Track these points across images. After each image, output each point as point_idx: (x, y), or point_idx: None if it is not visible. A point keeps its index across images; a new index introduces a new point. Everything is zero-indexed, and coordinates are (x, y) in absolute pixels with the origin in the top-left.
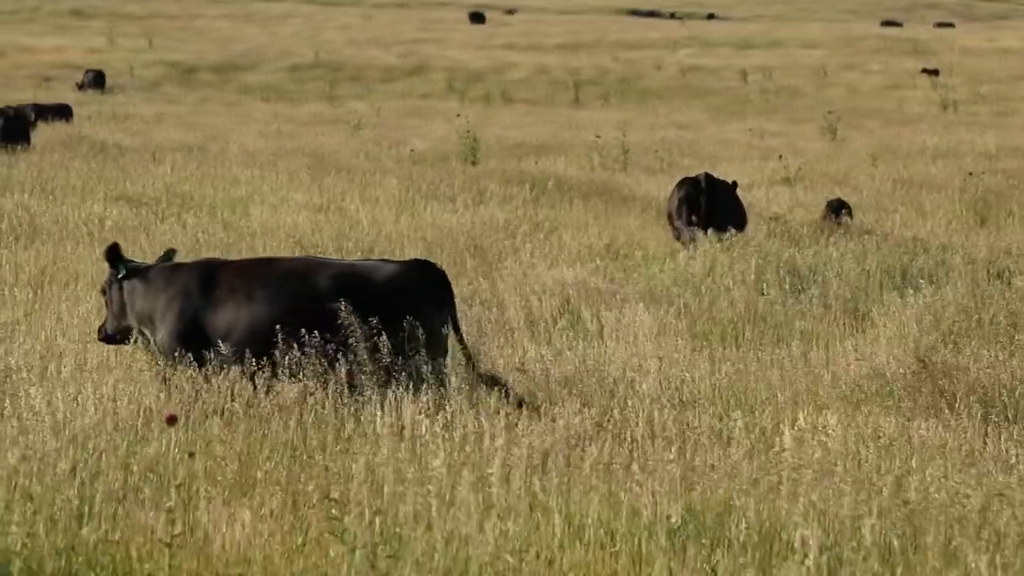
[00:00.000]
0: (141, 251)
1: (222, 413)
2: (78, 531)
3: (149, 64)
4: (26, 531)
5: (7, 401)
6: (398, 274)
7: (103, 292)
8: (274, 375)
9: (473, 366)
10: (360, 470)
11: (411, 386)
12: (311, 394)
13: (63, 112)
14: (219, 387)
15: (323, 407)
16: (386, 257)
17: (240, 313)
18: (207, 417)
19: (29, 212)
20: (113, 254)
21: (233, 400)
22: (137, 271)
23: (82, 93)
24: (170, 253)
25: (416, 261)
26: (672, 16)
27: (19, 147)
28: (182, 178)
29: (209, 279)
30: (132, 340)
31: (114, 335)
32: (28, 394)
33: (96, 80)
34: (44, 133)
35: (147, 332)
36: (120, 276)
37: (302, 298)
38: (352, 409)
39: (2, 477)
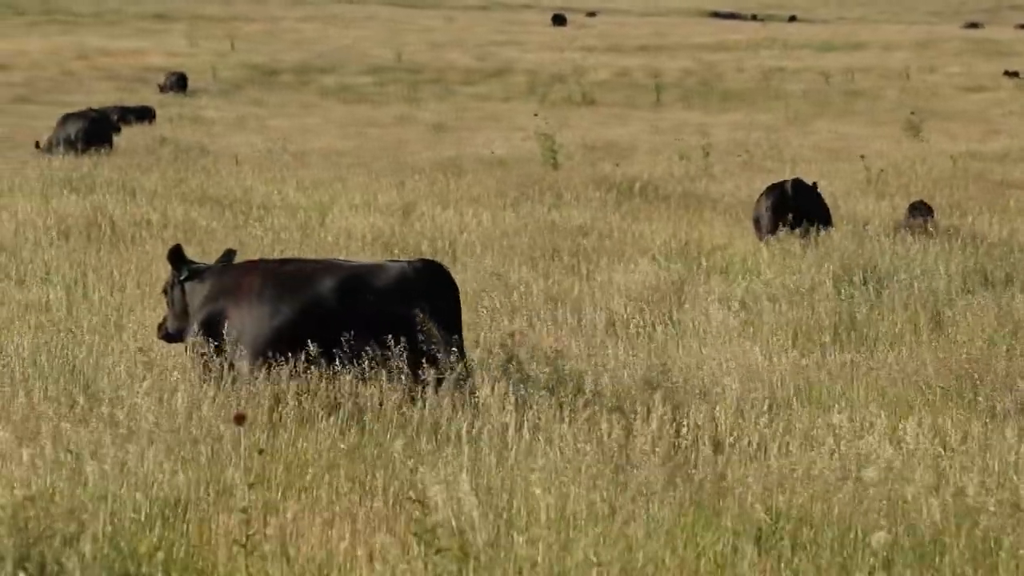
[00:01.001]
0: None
1: (306, 418)
2: (161, 533)
3: (231, 67)
4: (110, 532)
5: (92, 404)
6: (405, 274)
7: (164, 292)
8: (359, 377)
9: (460, 370)
10: (444, 473)
11: (493, 389)
12: (394, 397)
13: (145, 114)
14: (297, 389)
15: (404, 409)
16: (398, 258)
17: (255, 315)
18: (285, 419)
19: (111, 214)
20: (176, 255)
21: (313, 402)
22: (198, 272)
23: (164, 95)
24: (230, 253)
25: (423, 261)
26: (753, 18)
27: (102, 149)
28: (264, 180)
29: (240, 281)
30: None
31: (175, 334)
32: (112, 398)
33: (178, 82)
34: (126, 135)
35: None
36: (183, 277)
37: (313, 300)
38: (434, 412)
39: (88, 481)
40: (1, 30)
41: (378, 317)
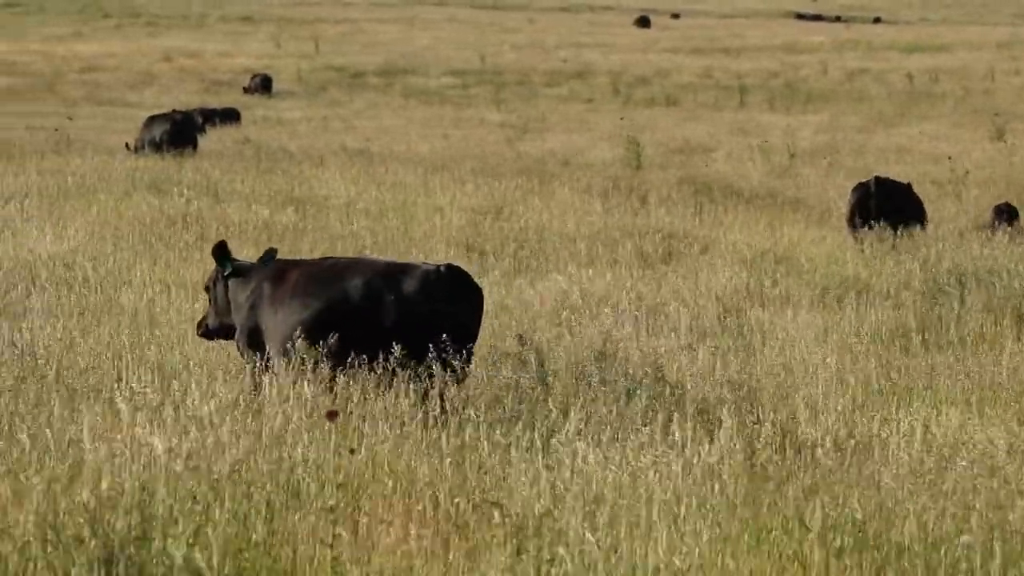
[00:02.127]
0: (308, 254)
1: (392, 419)
2: (243, 532)
3: (315, 68)
4: (192, 532)
5: (174, 405)
6: (428, 277)
7: (207, 289)
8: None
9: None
10: (520, 479)
11: (567, 399)
12: (470, 400)
13: (231, 116)
14: (380, 392)
15: (478, 414)
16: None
17: (288, 310)
18: (365, 420)
19: (195, 216)
20: (220, 252)
21: (400, 403)
22: (241, 269)
23: (249, 97)
24: (271, 252)
25: (448, 265)
26: (837, 19)
27: (186, 151)
28: (348, 181)
29: (279, 280)
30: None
31: (215, 331)
32: (198, 396)
33: (263, 84)
34: (211, 137)
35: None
36: (226, 273)
37: (339, 297)
38: (508, 418)
39: (169, 480)
40: (88, 32)
41: (399, 316)
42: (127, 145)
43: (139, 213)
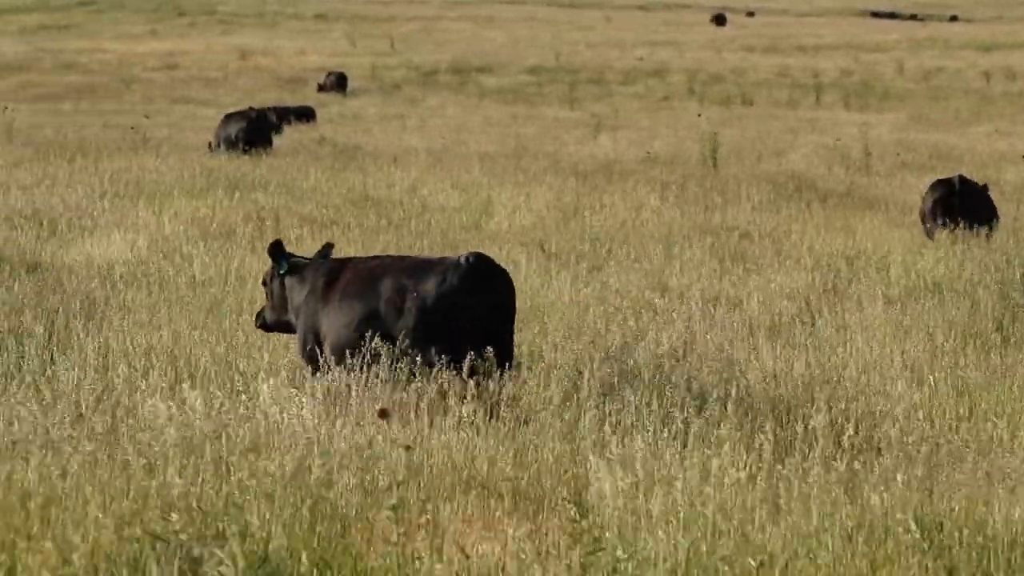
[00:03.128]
0: (383, 252)
1: (453, 418)
2: (312, 531)
3: (390, 67)
4: (264, 531)
5: (247, 402)
6: (455, 268)
7: (264, 284)
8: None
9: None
10: (595, 476)
11: (642, 395)
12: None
13: (306, 114)
14: (443, 388)
15: (546, 410)
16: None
17: (335, 310)
18: (431, 417)
19: (271, 214)
20: (276, 249)
21: (461, 401)
22: (297, 267)
23: (324, 95)
24: (327, 248)
25: (474, 255)
26: (913, 18)
27: (262, 149)
28: (422, 180)
29: (331, 282)
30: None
31: (272, 325)
32: (263, 396)
33: (338, 82)
34: (286, 135)
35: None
36: (282, 271)
37: (374, 296)
38: (574, 413)
39: (239, 479)
40: (163, 31)
41: (418, 314)
42: (209, 144)
43: (215, 211)
